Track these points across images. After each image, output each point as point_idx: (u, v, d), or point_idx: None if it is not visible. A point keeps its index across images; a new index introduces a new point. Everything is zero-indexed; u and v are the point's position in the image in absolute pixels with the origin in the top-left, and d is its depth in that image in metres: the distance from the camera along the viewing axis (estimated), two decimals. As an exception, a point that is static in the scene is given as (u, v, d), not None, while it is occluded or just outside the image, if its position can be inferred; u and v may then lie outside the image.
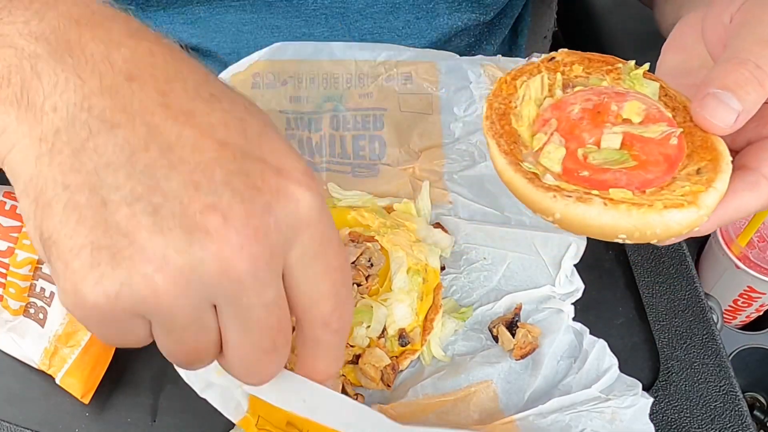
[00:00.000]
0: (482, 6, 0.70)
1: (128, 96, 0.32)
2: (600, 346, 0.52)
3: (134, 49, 0.33)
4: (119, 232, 0.30)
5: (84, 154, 0.31)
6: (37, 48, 0.32)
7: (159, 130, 0.31)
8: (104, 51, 0.32)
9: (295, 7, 0.67)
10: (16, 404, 0.52)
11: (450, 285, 0.57)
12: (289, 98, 0.62)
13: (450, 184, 0.61)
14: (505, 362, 0.53)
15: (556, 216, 0.40)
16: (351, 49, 0.63)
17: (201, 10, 0.67)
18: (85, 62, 0.32)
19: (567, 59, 0.48)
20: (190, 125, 0.32)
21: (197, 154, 0.31)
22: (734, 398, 0.54)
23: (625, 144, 0.42)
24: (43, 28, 0.33)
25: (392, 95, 0.63)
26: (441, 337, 0.54)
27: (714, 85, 0.41)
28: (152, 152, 0.31)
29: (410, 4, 0.68)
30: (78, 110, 0.31)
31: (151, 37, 0.34)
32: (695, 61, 0.49)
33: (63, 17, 0.33)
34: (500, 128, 0.44)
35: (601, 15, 1.01)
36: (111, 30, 0.33)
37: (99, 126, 0.31)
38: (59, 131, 0.31)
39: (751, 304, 0.80)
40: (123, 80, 0.32)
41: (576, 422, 0.49)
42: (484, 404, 0.51)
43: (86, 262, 0.30)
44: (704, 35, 0.47)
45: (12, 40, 0.32)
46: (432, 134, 0.63)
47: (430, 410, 0.51)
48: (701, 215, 0.39)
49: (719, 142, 0.42)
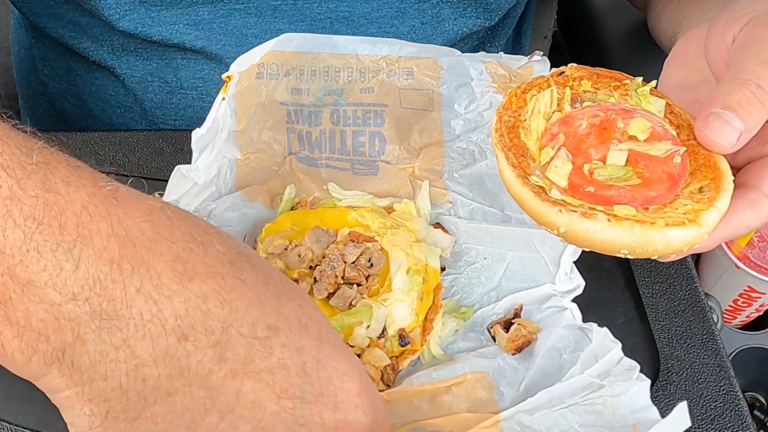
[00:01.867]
0: (487, 11, 0.70)
1: (183, 359, 0.30)
2: (603, 332, 0.52)
3: (186, 299, 0.30)
4: None
5: (140, 422, 0.30)
6: (76, 309, 0.29)
7: (218, 390, 0.30)
8: (153, 308, 0.29)
9: (300, 11, 0.67)
10: (16, 404, 0.51)
11: (450, 285, 0.57)
12: (290, 90, 0.61)
13: (450, 184, 0.61)
14: (502, 357, 0.53)
15: (561, 230, 0.41)
16: (353, 43, 0.63)
17: (205, 12, 0.66)
18: (134, 326, 0.29)
19: (576, 74, 0.49)
20: (248, 377, 0.31)
21: (257, 411, 0.31)
22: (734, 398, 0.54)
23: (630, 161, 0.43)
24: (81, 281, 0.29)
25: (393, 91, 0.63)
26: (441, 337, 0.54)
27: (717, 105, 0.42)
28: (212, 416, 0.30)
29: (415, 10, 0.68)
30: (131, 381, 0.29)
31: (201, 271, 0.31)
32: (697, 77, 0.50)
33: (101, 260, 0.29)
34: (509, 141, 0.45)
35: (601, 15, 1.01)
36: (158, 273, 0.30)
37: (155, 395, 0.30)
38: (111, 399, 0.29)
39: (751, 304, 0.80)
40: (176, 341, 0.30)
41: (564, 418, 0.48)
42: (478, 393, 0.51)
43: None
44: (707, 53, 0.48)
45: (45, 294, 0.29)
46: (432, 131, 0.62)
47: (424, 394, 0.51)
48: (702, 233, 0.40)
49: (722, 160, 0.43)
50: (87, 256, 0.29)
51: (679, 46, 0.52)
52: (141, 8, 0.65)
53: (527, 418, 0.48)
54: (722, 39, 0.47)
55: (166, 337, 0.30)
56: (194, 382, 0.30)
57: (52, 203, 0.29)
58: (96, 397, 0.30)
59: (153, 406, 0.30)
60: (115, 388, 0.29)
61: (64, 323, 0.29)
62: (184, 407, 0.30)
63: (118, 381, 0.29)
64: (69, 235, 0.29)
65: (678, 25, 0.61)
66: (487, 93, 0.62)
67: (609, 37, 0.99)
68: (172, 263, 0.30)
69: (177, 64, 0.70)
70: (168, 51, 0.69)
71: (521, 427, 0.48)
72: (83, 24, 0.70)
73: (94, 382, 0.29)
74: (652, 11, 0.72)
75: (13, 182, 0.29)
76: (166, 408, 0.30)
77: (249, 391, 0.31)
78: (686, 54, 0.51)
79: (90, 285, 0.29)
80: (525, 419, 0.48)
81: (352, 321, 0.52)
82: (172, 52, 0.69)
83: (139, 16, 0.65)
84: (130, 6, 0.64)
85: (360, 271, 0.54)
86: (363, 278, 0.54)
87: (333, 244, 0.55)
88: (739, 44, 0.45)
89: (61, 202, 0.29)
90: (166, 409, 0.30)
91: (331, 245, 0.55)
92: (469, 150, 0.62)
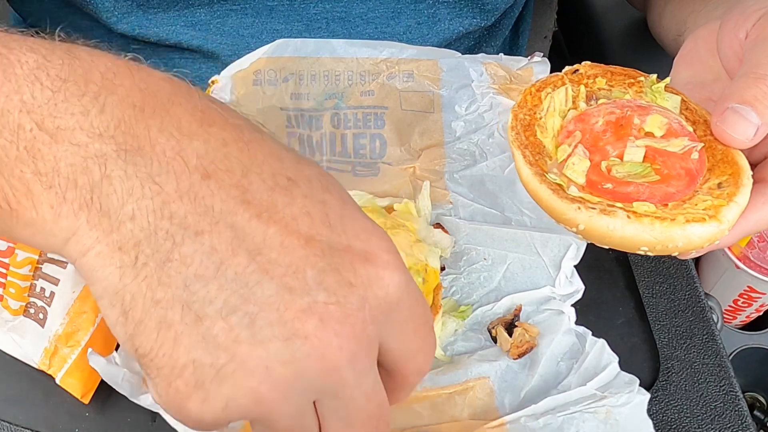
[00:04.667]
0: (484, 11, 0.70)
1: (208, 197, 0.30)
2: (600, 344, 0.52)
3: (206, 140, 0.31)
4: (219, 348, 0.29)
5: (171, 266, 0.30)
6: (103, 146, 0.30)
7: (245, 231, 0.30)
8: (176, 147, 0.31)
9: (297, 11, 0.67)
10: (16, 404, 0.51)
11: (450, 286, 0.57)
12: (290, 95, 0.61)
13: (450, 184, 0.61)
14: (503, 361, 0.53)
15: (580, 227, 0.41)
16: (353, 47, 0.63)
17: (202, 13, 0.66)
18: (158, 163, 0.30)
19: (590, 72, 0.49)
20: (273, 222, 0.31)
21: (285, 255, 0.30)
22: (734, 398, 0.54)
23: (648, 157, 0.43)
24: (106, 122, 0.31)
25: (394, 93, 0.63)
26: (441, 338, 0.54)
27: (733, 100, 0.42)
28: (241, 258, 0.30)
29: (412, 10, 0.68)
30: (159, 218, 0.30)
31: (219, 120, 0.33)
32: (708, 75, 0.50)
33: (125, 104, 0.31)
34: (525, 139, 0.45)
35: (601, 15, 1.01)
36: (178, 117, 0.32)
37: (182, 234, 0.30)
38: (140, 242, 0.30)
39: (751, 304, 0.80)
40: (200, 179, 0.30)
41: (569, 424, 0.48)
42: (479, 400, 0.51)
43: (190, 381, 0.30)
44: (719, 50, 0.48)
45: (73, 136, 0.30)
46: (433, 133, 0.63)
47: (426, 400, 0.51)
48: (722, 229, 0.40)
49: (739, 156, 0.43)
50: (112, 102, 0.31)
51: (688, 44, 0.52)
52: (138, 11, 0.65)
53: (532, 423, 0.48)
54: (735, 35, 0.47)
55: (189, 175, 0.30)
56: (220, 220, 0.30)
57: (77, 66, 0.31)
58: (125, 243, 0.30)
59: (181, 247, 0.30)
60: (143, 228, 0.30)
61: (91, 163, 0.30)
62: (212, 247, 0.30)
63: (146, 219, 0.30)
64: (95, 86, 0.31)
65: (683, 24, 0.61)
66: (487, 94, 0.62)
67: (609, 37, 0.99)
68: (191, 110, 0.32)
69: (175, 63, 0.70)
70: (166, 51, 0.69)
71: (528, 431, 0.48)
72: (83, 27, 0.70)
73: (122, 225, 0.30)
74: (652, 10, 0.72)
75: (38, 57, 0.31)
76: (194, 248, 0.30)
77: (275, 234, 0.31)
78: (696, 52, 0.51)
79: (115, 124, 0.30)
80: (530, 423, 0.48)
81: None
82: (170, 52, 0.70)
83: (137, 18, 0.65)
84: (127, 9, 0.65)
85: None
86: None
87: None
88: (753, 39, 0.45)
89: (85, 64, 0.32)
90: (194, 249, 0.30)
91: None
92: (470, 151, 0.62)
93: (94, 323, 0.51)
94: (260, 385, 0.30)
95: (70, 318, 0.51)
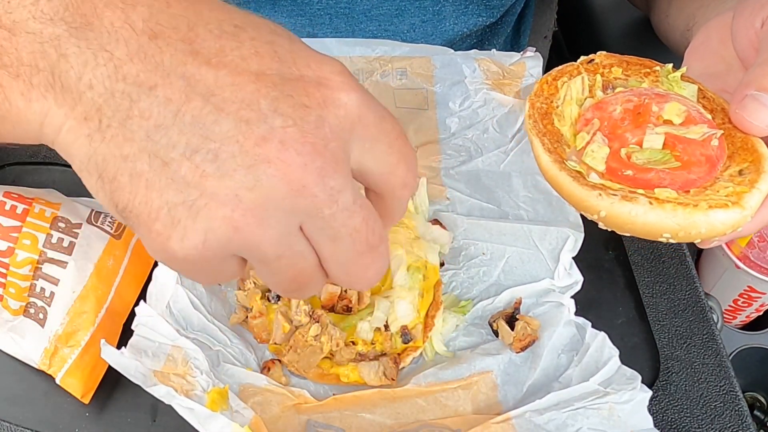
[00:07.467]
0: (489, 8, 0.70)
1: (157, 54, 0.32)
2: (600, 338, 0.52)
3: (150, 5, 0.33)
4: (188, 186, 0.31)
5: (132, 122, 0.31)
6: (55, 29, 0.32)
7: (195, 78, 0.32)
8: (122, 16, 0.32)
9: (300, 6, 0.67)
10: (16, 404, 0.51)
11: (450, 281, 0.57)
12: None
13: (447, 180, 0.61)
14: (506, 354, 0.53)
15: (602, 214, 0.41)
16: (346, 45, 0.63)
17: None
18: (107, 33, 0.32)
19: (606, 61, 0.49)
20: (223, 65, 0.32)
21: (237, 92, 0.32)
22: (734, 398, 0.54)
23: (667, 144, 0.43)
24: (55, 7, 0.32)
25: (388, 91, 0.63)
26: (442, 333, 0.55)
27: (752, 87, 0.42)
28: (195, 102, 0.32)
29: (416, 8, 0.68)
30: (113, 82, 0.32)
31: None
32: (721, 66, 0.50)
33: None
34: (543, 127, 0.45)
35: (601, 15, 1.01)
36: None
37: (137, 91, 0.32)
38: (101, 107, 0.32)
39: (751, 304, 0.80)
40: (147, 40, 0.32)
41: (573, 420, 0.49)
42: (483, 394, 0.51)
43: (167, 222, 0.31)
44: (734, 39, 0.48)
45: (27, 26, 0.32)
46: (428, 130, 0.63)
47: (430, 395, 0.51)
48: (745, 215, 0.40)
49: (759, 143, 0.43)
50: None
51: (700, 36, 0.52)
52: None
53: (537, 418, 0.49)
54: (750, 24, 0.47)
55: (138, 38, 0.32)
56: (171, 72, 0.32)
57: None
58: (89, 111, 0.32)
59: (138, 103, 0.31)
60: (101, 93, 0.32)
61: (47, 46, 0.32)
62: (167, 97, 0.31)
63: (102, 85, 0.32)
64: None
65: (691, 18, 0.61)
66: (480, 90, 0.63)
67: (609, 37, 0.99)
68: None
69: None
70: None
71: (533, 426, 0.48)
72: None
73: (83, 95, 0.32)
74: (657, 8, 0.72)
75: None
76: (150, 101, 0.31)
77: (226, 75, 0.32)
78: (708, 44, 0.51)
79: (63, 7, 0.32)
80: (535, 418, 0.49)
81: (355, 319, 0.52)
82: None
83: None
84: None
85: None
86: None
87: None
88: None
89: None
90: (150, 103, 0.31)
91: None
92: (465, 147, 0.62)
93: (94, 323, 0.51)
94: (233, 212, 0.31)
95: (70, 318, 0.51)
